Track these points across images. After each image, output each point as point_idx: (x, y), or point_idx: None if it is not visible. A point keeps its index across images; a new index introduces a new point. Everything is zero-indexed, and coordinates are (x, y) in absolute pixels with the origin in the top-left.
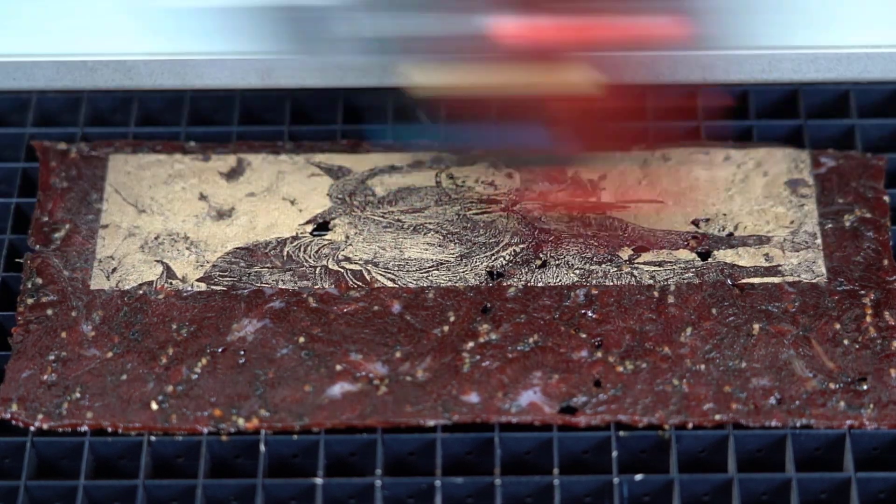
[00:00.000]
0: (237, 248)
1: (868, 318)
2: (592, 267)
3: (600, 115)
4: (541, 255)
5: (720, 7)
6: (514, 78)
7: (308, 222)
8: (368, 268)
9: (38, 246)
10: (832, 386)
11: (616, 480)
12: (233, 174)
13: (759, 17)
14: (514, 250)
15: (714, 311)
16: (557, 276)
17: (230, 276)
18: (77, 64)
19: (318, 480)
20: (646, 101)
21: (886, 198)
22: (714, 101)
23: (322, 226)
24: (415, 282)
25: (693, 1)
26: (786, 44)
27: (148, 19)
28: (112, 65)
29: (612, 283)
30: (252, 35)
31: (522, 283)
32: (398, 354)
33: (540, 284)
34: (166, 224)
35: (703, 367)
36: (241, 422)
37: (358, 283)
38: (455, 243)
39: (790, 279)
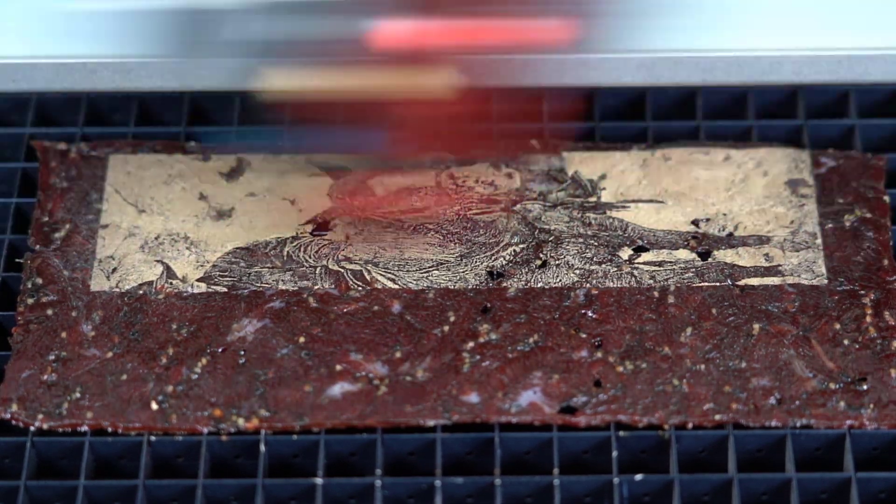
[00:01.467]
0: (237, 248)
1: (868, 318)
2: (592, 267)
3: (450, 119)
4: (541, 255)
5: (610, 10)
6: (376, 80)
7: (308, 222)
8: (368, 268)
9: (38, 246)
10: (832, 386)
11: (616, 480)
12: (233, 174)
13: (758, 19)
14: (514, 250)
15: (714, 311)
16: (557, 276)
17: (230, 276)
18: (77, 66)
19: (318, 480)
20: (491, 104)
21: (886, 198)
22: (559, 104)
23: (322, 226)
24: (415, 282)
25: (582, 4)
26: (786, 46)
27: (147, 21)
28: (112, 66)
29: (612, 283)
30: (129, 38)
31: (522, 283)
32: (398, 354)
33: (540, 284)
34: (166, 224)
35: (703, 367)
36: (241, 422)
37: (358, 283)
38: (455, 243)
39: (790, 279)
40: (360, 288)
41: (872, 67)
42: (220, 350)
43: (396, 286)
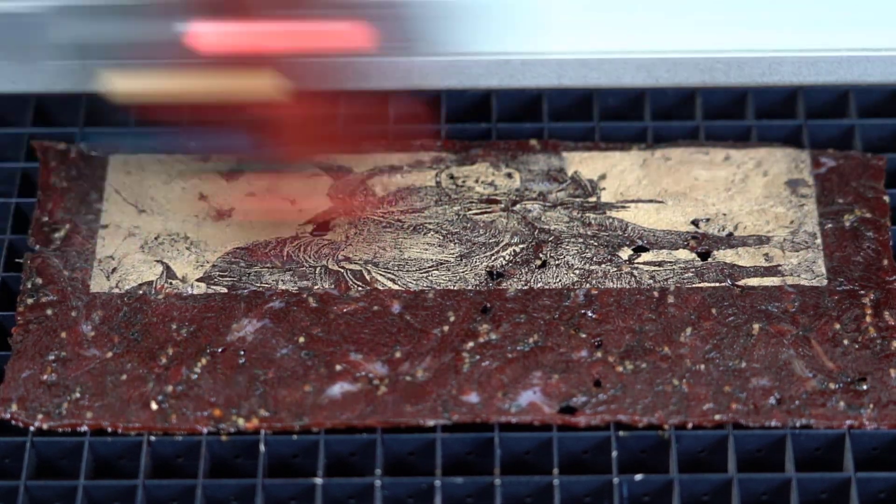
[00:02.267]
0: (237, 248)
1: (868, 318)
2: (592, 267)
3: (294, 121)
4: (541, 255)
5: (416, 14)
6: (209, 84)
7: (308, 222)
8: (368, 268)
9: (38, 246)
10: (832, 386)
11: (616, 480)
12: (233, 174)
13: (757, 19)
14: (514, 250)
15: (714, 311)
16: (557, 276)
17: (230, 276)
18: (76, 67)
19: (318, 480)
20: (337, 107)
21: (886, 198)
22: (405, 107)
23: (322, 226)
24: (415, 282)
25: (387, 9)
26: (786, 46)
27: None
28: (111, 68)
29: (612, 283)
30: None
31: (522, 283)
32: (398, 354)
33: (540, 284)
34: (166, 224)
35: (702, 367)
36: (241, 422)
37: (358, 283)
38: (455, 243)
39: (790, 279)
40: (360, 288)
41: (872, 68)
42: (219, 350)
43: (396, 286)
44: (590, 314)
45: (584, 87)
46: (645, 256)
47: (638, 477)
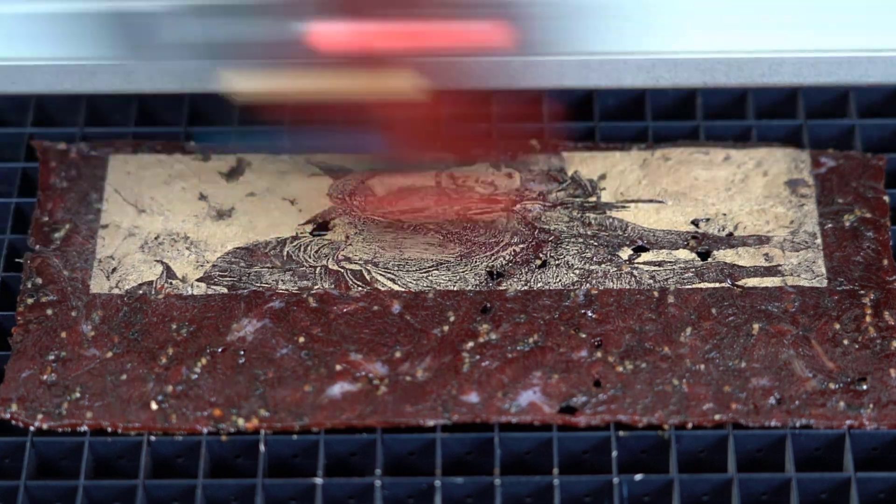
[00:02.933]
0: (237, 248)
1: (868, 318)
2: (592, 267)
3: (432, 121)
4: (541, 255)
5: (547, 13)
6: (340, 83)
7: (308, 222)
8: (368, 268)
9: (38, 246)
10: (832, 386)
11: (616, 480)
12: (233, 174)
13: (759, 20)
14: (514, 250)
15: (714, 311)
16: (557, 276)
17: (230, 276)
18: (76, 68)
19: (318, 480)
20: (489, 106)
21: (886, 198)
22: (553, 107)
23: (322, 226)
24: (415, 282)
25: (518, 7)
26: (786, 47)
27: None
28: (111, 69)
29: (612, 284)
30: (78, 40)
31: (522, 283)
32: (398, 354)
33: (540, 284)
34: (166, 224)
35: (702, 367)
36: (240, 422)
37: (358, 283)
38: (455, 243)
39: (790, 279)
40: (360, 288)
41: (872, 68)
42: (219, 350)
43: (396, 286)
44: (590, 314)
45: (584, 87)
46: (645, 256)
47: (638, 477)
